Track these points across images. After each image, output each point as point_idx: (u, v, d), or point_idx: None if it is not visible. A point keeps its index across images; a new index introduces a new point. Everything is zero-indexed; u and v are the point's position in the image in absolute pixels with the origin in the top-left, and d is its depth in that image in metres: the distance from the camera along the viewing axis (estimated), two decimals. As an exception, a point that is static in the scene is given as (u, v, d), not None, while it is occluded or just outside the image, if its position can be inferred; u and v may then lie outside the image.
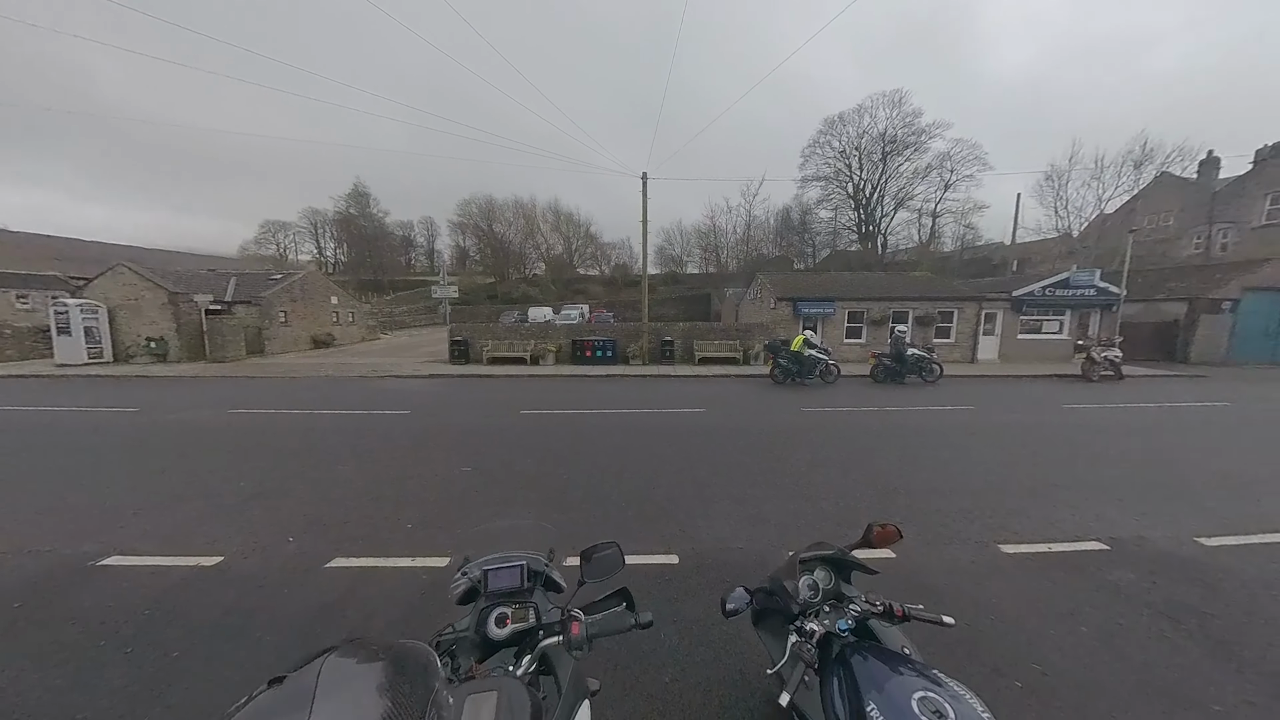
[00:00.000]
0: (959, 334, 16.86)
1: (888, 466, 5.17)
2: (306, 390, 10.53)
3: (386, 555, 3.26)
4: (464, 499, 4.28)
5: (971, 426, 7.12)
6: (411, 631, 2.48)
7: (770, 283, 18.87)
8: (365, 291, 39.41)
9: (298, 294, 20.64)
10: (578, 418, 7.74)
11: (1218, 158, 26.47)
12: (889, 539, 1.56)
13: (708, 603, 2.70)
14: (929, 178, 37.70)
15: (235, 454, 5.61)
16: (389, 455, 5.57)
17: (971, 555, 3.28)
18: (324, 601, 2.74)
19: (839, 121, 38.95)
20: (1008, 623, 2.55)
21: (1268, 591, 2.84)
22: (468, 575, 1.30)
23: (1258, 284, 15.56)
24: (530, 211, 51.02)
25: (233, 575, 3.03)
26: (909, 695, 1.05)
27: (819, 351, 11.74)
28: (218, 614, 2.62)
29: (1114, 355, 12.34)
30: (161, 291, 15.89)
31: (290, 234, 52.75)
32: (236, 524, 3.74)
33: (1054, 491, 4.44)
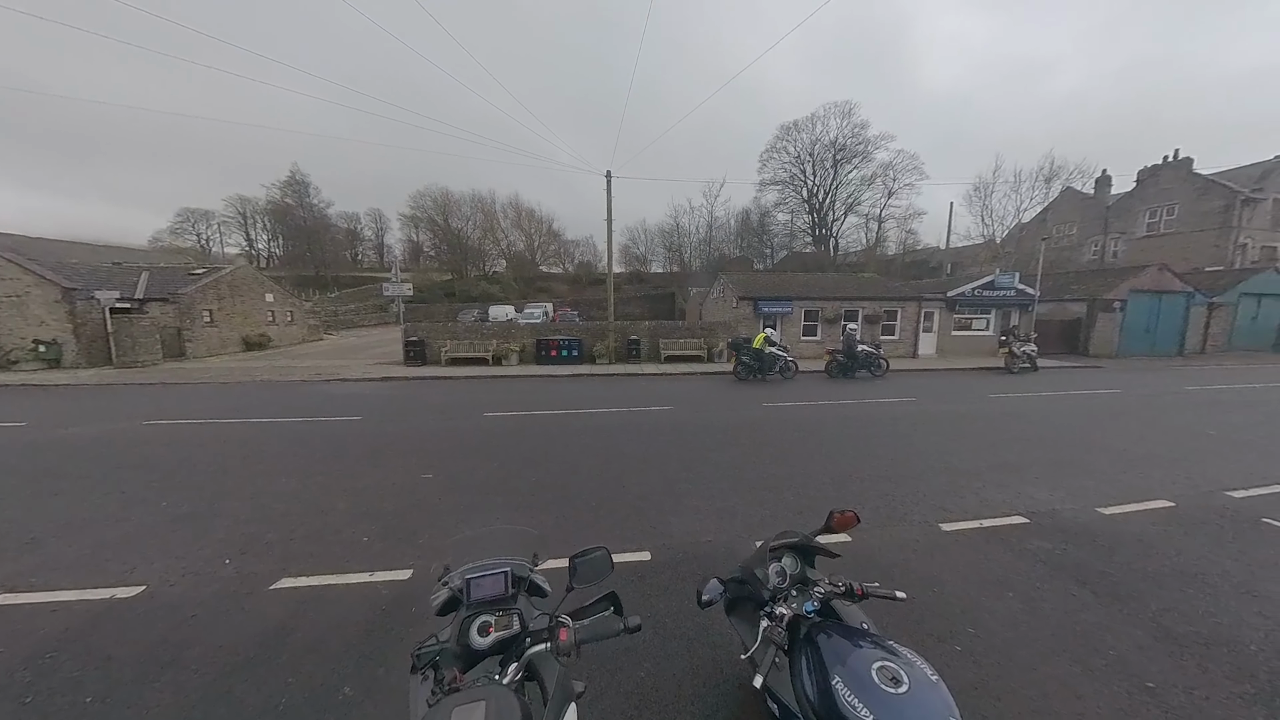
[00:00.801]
0: (902, 331, 18.23)
1: (843, 456, 5.51)
2: (239, 397, 9.58)
3: (341, 572, 3.06)
4: (427, 507, 4.08)
5: (914, 416, 7.74)
6: (373, 651, 2.35)
7: (732, 282, 19.45)
8: (306, 288, 36.31)
9: (225, 291, 18.68)
10: (544, 419, 7.61)
11: (1110, 176, 30.43)
12: (848, 524, 1.69)
13: (681, 596, 2.76)
14: (875, 185, 40.51)
15: (154, 471, 5.01)
16: (340, 464, 5.21)
17: (917, 534, 3.58)
18: (269, 627, 2.53)
19: (794, 128, 40.83)
20: (948, 593, 2.82)
21: (1150, 550, 3.33)
22: (448, 584, 1.26)
23: (1140, 287, 18.06)
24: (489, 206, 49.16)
25: (157, 606, 2.72)
26: (869, 666, 1.15)
27: (779, 349, 12.27)
28: (140, 651, 2.35)
29: (1030, 349, 13.87)
30: (53, 287, 13.82)
31: (214, 224, 47.57)
32: (160, 549, 3.35)
33: (984, 473, 4.94)
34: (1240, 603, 2.73)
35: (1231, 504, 4.14)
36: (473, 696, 0.93)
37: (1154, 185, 27.21)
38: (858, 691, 1.10)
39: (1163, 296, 18.22)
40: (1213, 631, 2.48)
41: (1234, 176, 25.53)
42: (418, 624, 2.53)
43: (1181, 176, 26.14)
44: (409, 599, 2.76)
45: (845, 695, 1.11)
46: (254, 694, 2.07)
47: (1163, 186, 26.84)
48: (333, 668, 2.23)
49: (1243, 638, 2.43)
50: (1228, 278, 19.82)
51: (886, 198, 40.73)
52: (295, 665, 2.24)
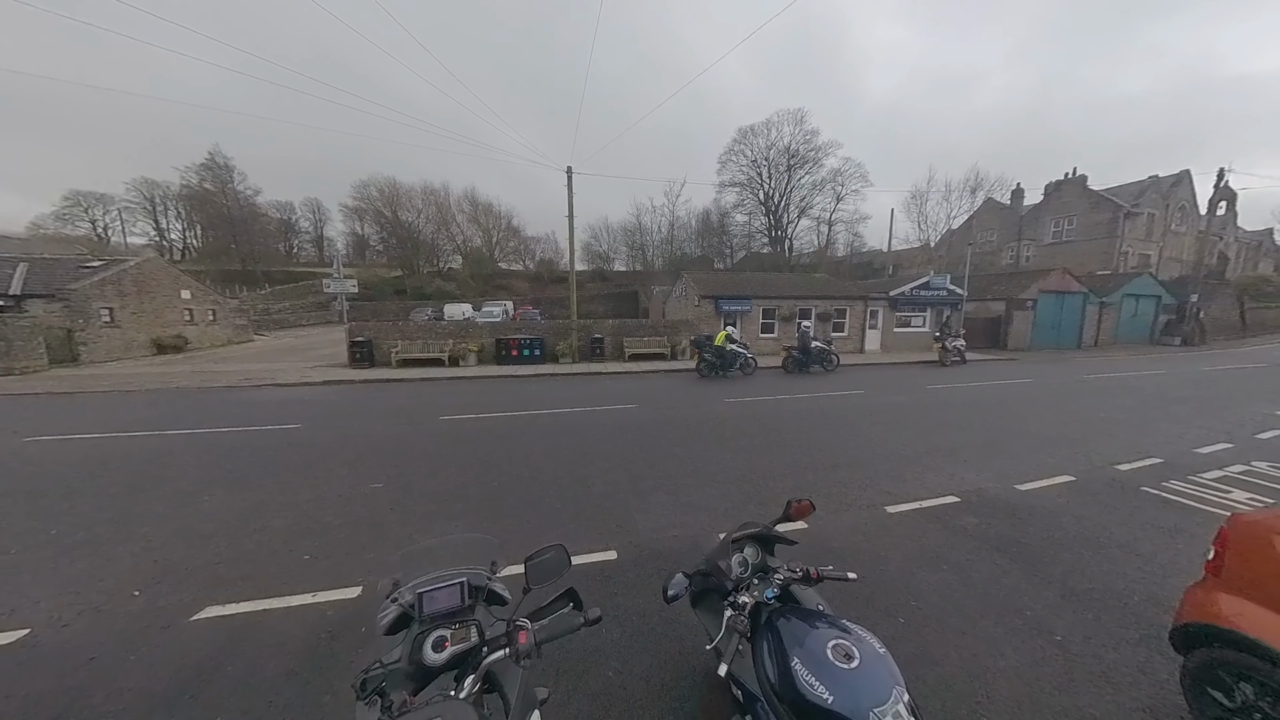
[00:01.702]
0: (851, 328, 19.44)
1: (800, 447, 5.79)
2: (147, 407, 8.47)
3: (278, 595, 2.80)
4: (376, 519, 3.83)
5: (862, 407, 8.28)
6: (317, 678, 2.17)
7: (694, 281, 19.82)
8: (232, 284, 32.69)
9: (129, 287, 16.44)
10: (506, 420, 7.37)
11: (1023, 189, 34.20)
12: (804, 512, 1.77)
13: (647, 593, 2.78)
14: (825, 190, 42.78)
15: (40, 496, 4.32)
16: (274, 477, 4.75)
17: (865, 518, 3.84)
18: (191, 663, 2.26)
19: (750, 133, 42.19)
20: (893, 571, 3.04)
21: (1056, 520, 3.79)
22: (398, 601, 1.18)
23: (1047, 288, 20.46)
24: (443, 199, 46.66)
25: (46, 650, 2.35)
26: (824, 645, 1.21)
27: (739, 346, 12.66)
28: (31, 702, 2.02)
29: (960, 344, 15.30)
30: (-106, 281, 11.49)
31: (113, 210, 41.60)
32: (47, 583, 2.90)
33: (922, 458, 5.38)
34: (1126, 561, 3.17)
35: (1119, 476, 4.80)
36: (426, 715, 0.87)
37: (1057, 198, 30.95)
38: (814, 670, 1.16)
39: (1065, 297, 20.75)
40: (1106, 587, 2.86)
41: (1119, 193, 29.60)
42: (368, 644, 2.36)
43: (1078, 191, 29.93)
44: (358, 619, 2.57)
45: (803, 675, 1.16)
46: (173, 739, 1.84)
47: (1064, 199, 30.58)
48: (270, 700, 2.03)
49: (1129, 590, 2.83)
50: (1114, 281, 22.90)
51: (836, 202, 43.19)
52: (224, 702, 2.03)
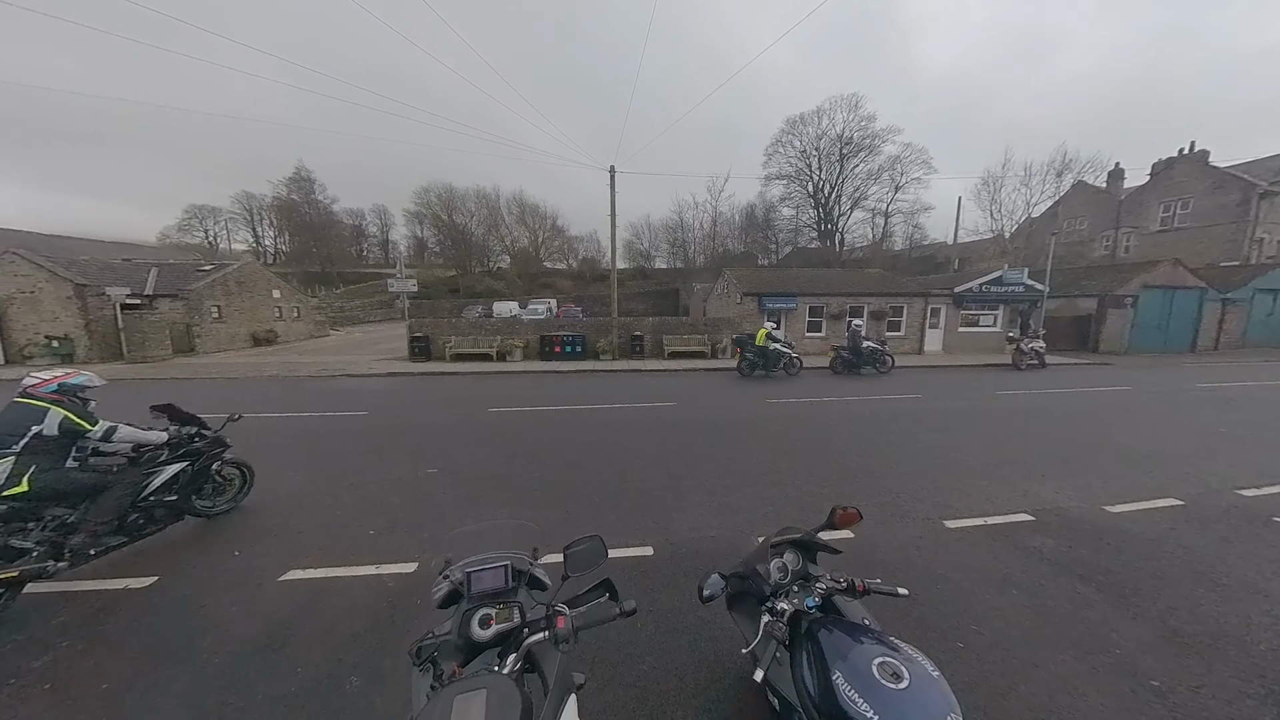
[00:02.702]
0: (908, 327, 18.08)
1: (847, 453, 5.49)
2: (247, 392, 9.70)
3: (348, 564, 3.10)
4: (431, 501, 4.13)
5: (919, 413, 7.69)
6: (379, 642, 2.39)
7: (736, 278, 19.35)
8: (312, 284, 36.55)
9: (233, 287, 18.87)
10: (548, 414, 7.64)
11: (1123, 169, 29.84)
12: (850, 521, 1.68)
13: (683, 591, 2.78)
14: (881, 179, 39.87)
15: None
16: (345, 459, 5.27)
17: (920, 532, 3.57)
18: (279, 617, 2.58)
19: (799, 122, 40.29)
20: (952, 590, 2.81)
21: (1157, 548, 3.30)
22: (449, 578, 1.27)
23: (1152, 282, 17.76)
24: (494, 202, 49.12)
25: (170, 596, 2.78)
26: (870, 661, 1.15)
27: (783, 345, 12.21)
28: (154, 640, 2.40)
29: (1038, 346, 13.71)
30: (65, 283, 14.02)
31: (221, 221, 47.89)
32: (170, 540, 3.42)
33: (989, 470, 4.90)
34: (1249, 602, 2.70)
35: (1242, 502, 4.09)
36: (473, 685, 0.94)
37: (1168, 179, 26.63)
38: (858, 687, 1.10)
39: (1175, 292, 17.90)
40: (1220, 630, 2.45)
41: (1252, 169, 24.92)
42: (423, 616, 2.56)
43: (1196, 169, 25.55)
44: (414, 591, 2.80)
45: (846, 690, 1.11)
46: (265, 682, 2.11)
47: (1177, 179, 26.26)
48: (340, 658, 2.27)
49: (1251, 637, 2.41)
50: (1243, 273, 19.41)
51: (893, 192, 40.15)
52: (304, 655, 2.29)
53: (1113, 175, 30.21)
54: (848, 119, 38.67)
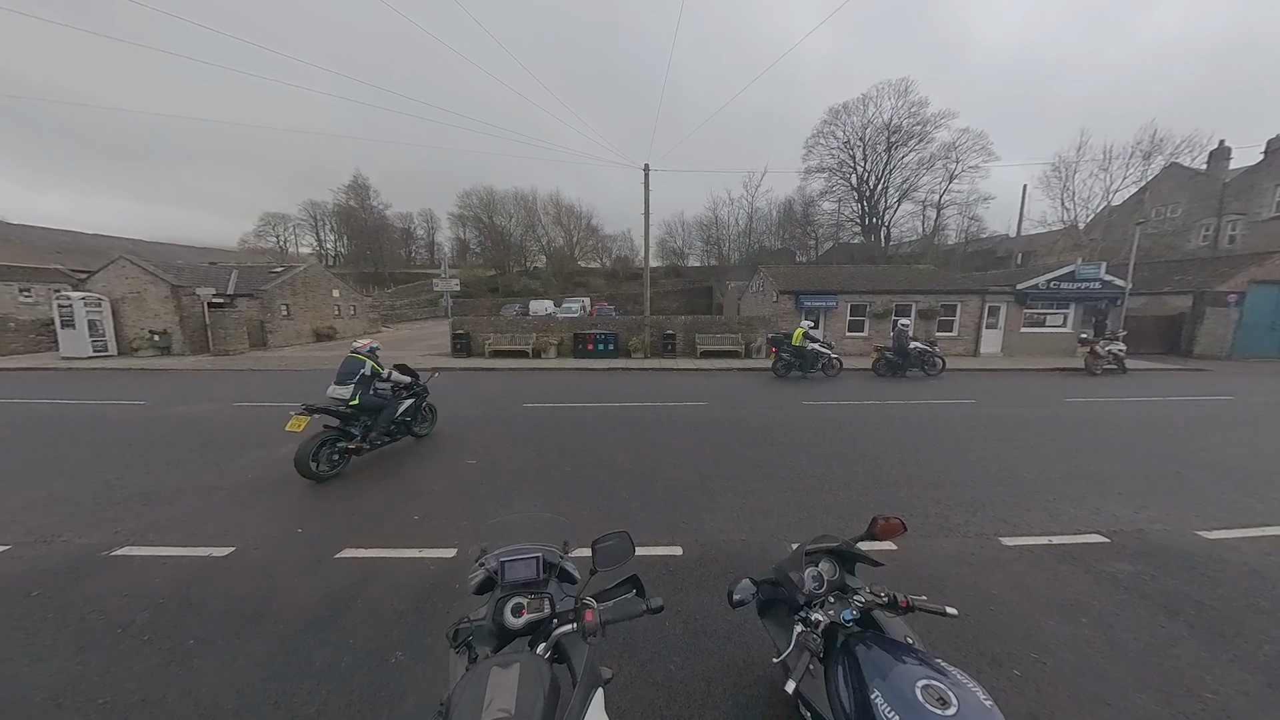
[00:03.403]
0: (962, 327, 16.81)
1: (890, 460, 5.19)
2: (309, 383, 10.58)
3: (394, 546, 3.31)
4: (469, 491, 4.32)
5: (973, 420, 7.13)
6: (420, 620, 2.53)
7: (772, 275, 18.80)
8: (366, 284, 39.32)
9: (299, 287, 20.64)
10: (580, 410, 7.78)
11: (1228, 148, 26.10)
12: (892, 532, 1.59)
13: (712, 593, 2.74)
14: (934, 169, 37.22)
15: (241, 447, 5.66)
16: (393, 448, 5.62)
17: (972, 547, 3.31)
18: (334, 592, 2.79)
19: (843, 111, 38.43)
20: (1008, 613, 2.59)
21: (1264, 583, 2.87)
22: (485, 566, 1.32)
23: (1265, 277, 15.42)
24: (531, 204, 50.66)
25: (245, 565, 3.08)
26: (913, 683, 1.08)
27: (821, 345, 11.73)
28: (232, 603, 2.68)
29: (1117, 349, 12.31)
30: (164, 284, 15.91)
31: (290, 226, 52.56)
32: (245, 515, 3.80)
33: (1055, 485, 4.47)
34: (1388, 653, 2.29)
35: (1381, 536, 3.48)
36: (509, 660, 0.99)
37: (1288, 157, 22.97)
38: (899, 709, 1.04)
39: (1295, 288, 15.48)
40: (1348, 684, 2.10)
41: (1402, 142, 21.01)
42: (460, 599, 2.69)
43: (1327, 145, 21.89)
44: (453, 575, 2.94)
45: (885, 711, 1.05)
46: (322, 651, 2.30)
47: (1300, 158, 22.60)
48: (386, 634, 2.43)
49: (1390, 695, 2.04)
50: (1388, 265, 16.44)
51: (947, 182, 37.36)
52: (355, 629, 2.47)
53: (1215, 155, 26.51)
54: (896, 106, 36.47)
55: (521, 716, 0.90)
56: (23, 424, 6.75)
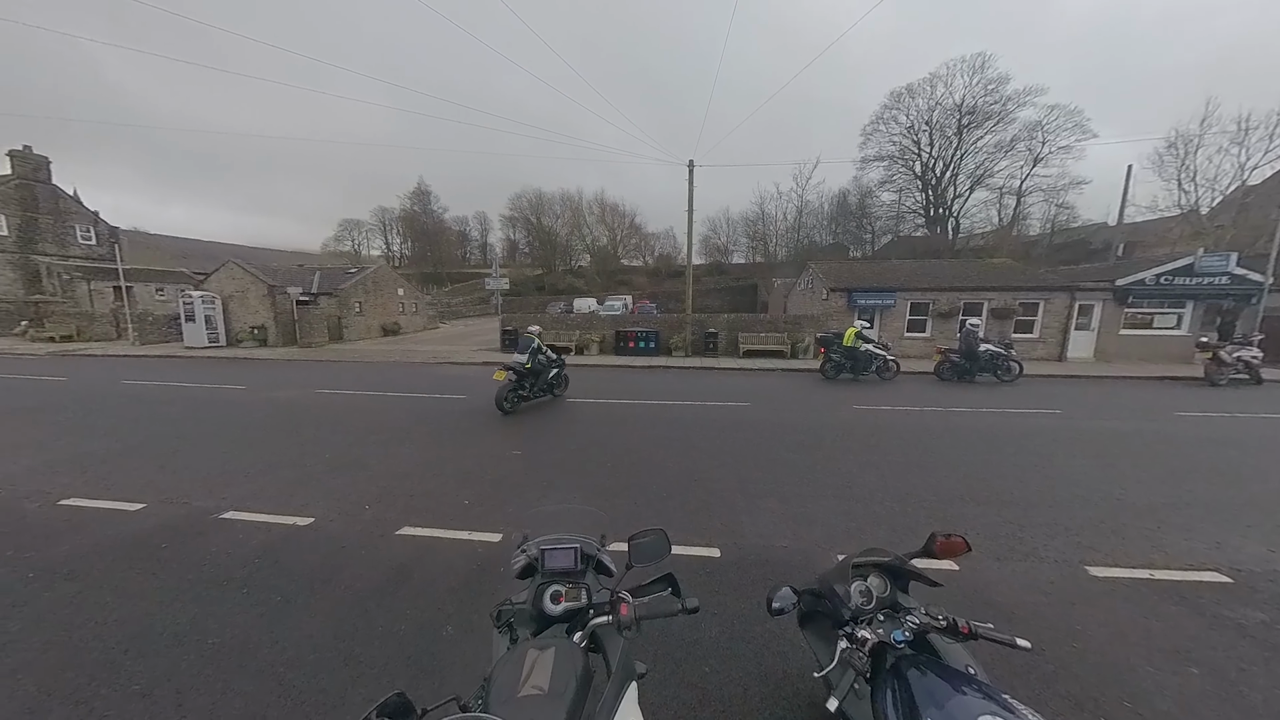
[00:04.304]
0: (1044, 328, 15.02)
1: (953, 472, 4.77)
2: (377, 374, 11.61)
3: (447, 528, 3.55)
4: (514, 480, 4.53)
5: (1057, 432, 6.35)
6: (468, 598, 2.70)
7: (823, 272, 17.88)
8: (426, 284, 42.39)
9: (370, 286, 22.68)
10: (620, 407, 7.88)
11: None
12: (954, 550, 1.46)
13: (750, 599, 2.67)
14: (1014, 152, 33.39)
15: (321, 429, 6.34)
16: (448, 435, 6.03)
17: (1052, 575, 2.96)
18: (395, 565, 3.05)
19: (907, 94, 35.60)
20: (1094, 653, 2.28)
21: None
22: (526, 553, 1.38)
23: None
24: (577, 204, 52.04)
25: (322, 535, 3.45)
26: (972, 717, 0.98)
27: (875, 346, 11.00)
28: (312, 567, 3.02)
29: (1250, 355, 10.38)
30: (263, 285, 18.15)
31: (363, 231, 57.95)
32: (323, 491, 4.25)
33: (1160, 511, 3.87)
34: None
35: None
36: (546, 643, 1.04)
37: None
38: None
39: None
40: None
41: None
42: (503, 582, 2.83)
43: None
44: (497, 559, 3.10)
45: None
46: (383, 617, 2.53)
47: None
48: (439, 608, 2.61)
49: None
50: None
51: (1031, 165, 33.36)
52: (411, 601, 2.68)
53: (1400, 118, 21.42)
54: (969, 84, 33.20)
55: (554, 695, 0.93)
56: (156, 403, 8.01)
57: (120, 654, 2.25)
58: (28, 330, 19.99)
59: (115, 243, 22.31)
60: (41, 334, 19.14)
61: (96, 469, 4.70)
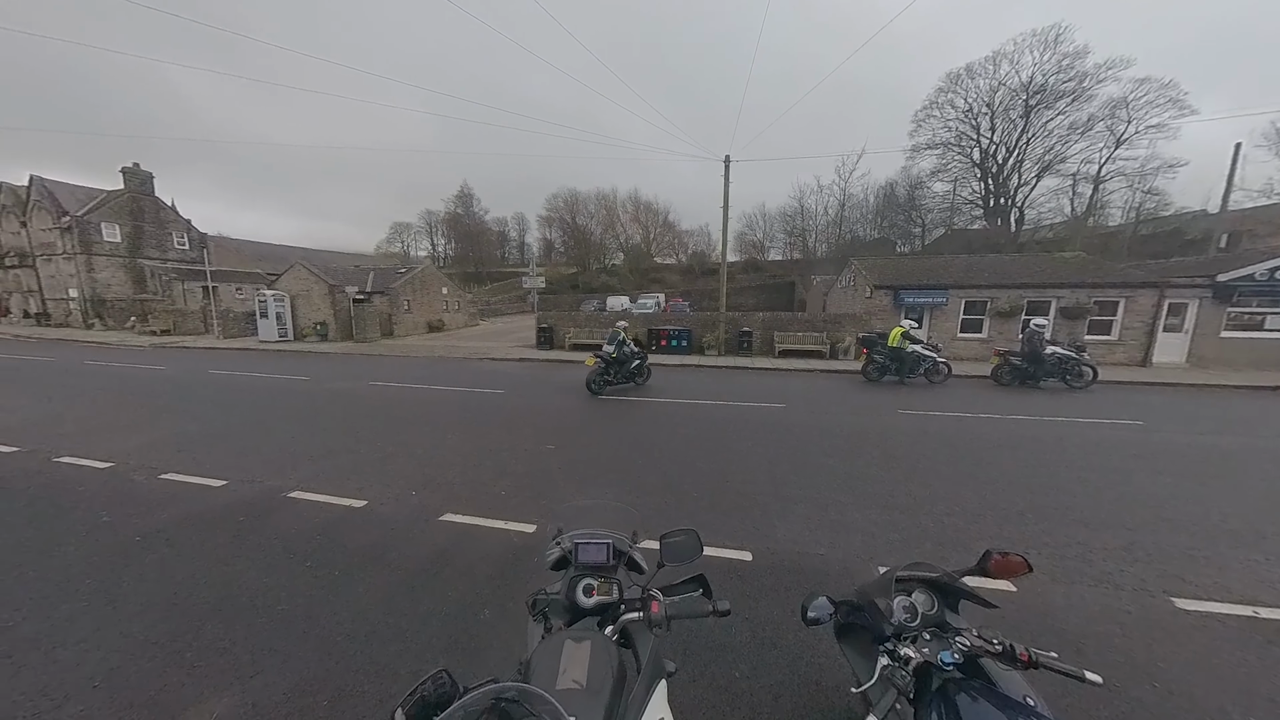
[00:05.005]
0: (1125, 329, 13.49)
1: (1012, 485, 4.40)
2: (423, 368, 12.31)
3: (485, 516, 3.72)
4: (548, 474, 4.67)
5: (1139, 446, 5.70)
6: (504, 584, 2.81)
7: (866, 269, 17.00)
8: (467, 282, 44.38)
9: (417, 285, 24.06)
10: (652, 405, 7.89)
11: None
12: (1011, 570, 1.35)
13: (783, 605, 2.60)
14: (1093, 133, 29.98)
15: (374, 419, 6.81)
16: (487, 428, 6.29)
17: (1128, 605, 2.67)
18: (438, 548, 3.23)
19: (966, 75, 32.88)
20: (1180, 696, 2.04)
21: None
22: (561, 545, 1.42)
23: None
24: (611, 203, 52.54)
25: (373, 516, 3.72)
26: None
27: (924, 347, 10.33)
28: (365, 545, 3.26)
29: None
30: (324, 284, 19.72)
31: (411, 233, 61.54)
32: (375, 476, 4.57)
33: (1271, 541, 3.38)
34: None
35: None
36: (582, 635, 1.06)
37: None
38: None
39: None
40: None
41: None
42: (537, 572, 2.92)
43: None
44: (531, 549, 3.21)
45: None
46: (427, 597, 2.69)
47: None
48: (478, 592, 2.74)
49: None
50: None
51: (1112, 148, 29.87)
52: (452, 584, 2.83)
53: None
54: (1040, 60, 30.12)
55: (592, 690, 0.95)
56: (236, 391, 8.93)
57: (208, 612, 2.54)
58: (135, 325, 22.90)
59: (204, 248, 24.98)
60: (146, 328, 21.84)
61: (189, 448, 5.31)
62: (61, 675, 2.10)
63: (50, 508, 3.80)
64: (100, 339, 19.39)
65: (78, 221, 25.06)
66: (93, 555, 3.10)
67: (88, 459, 4.89)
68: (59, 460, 4.87)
